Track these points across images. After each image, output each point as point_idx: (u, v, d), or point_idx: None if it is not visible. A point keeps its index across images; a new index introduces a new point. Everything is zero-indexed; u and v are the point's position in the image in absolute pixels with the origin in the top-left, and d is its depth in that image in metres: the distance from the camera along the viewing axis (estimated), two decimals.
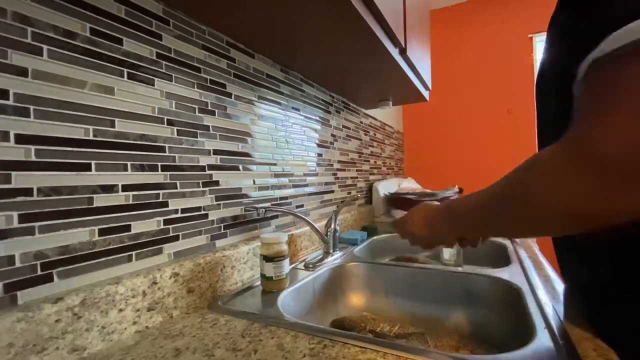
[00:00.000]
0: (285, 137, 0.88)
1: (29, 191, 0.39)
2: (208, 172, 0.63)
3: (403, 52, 0.89)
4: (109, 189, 0.47)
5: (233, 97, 0.71)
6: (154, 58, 0.54)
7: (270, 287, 0.63)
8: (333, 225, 0.88)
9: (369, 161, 1.54)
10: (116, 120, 0.48)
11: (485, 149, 2.07)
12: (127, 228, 0.49)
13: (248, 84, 0.75)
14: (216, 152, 0.65)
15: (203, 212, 0.62)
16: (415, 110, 2.24)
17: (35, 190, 0.40)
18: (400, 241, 0.64)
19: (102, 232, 0.46)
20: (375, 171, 1.61)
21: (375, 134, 1.65)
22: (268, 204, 0.81)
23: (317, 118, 1.06)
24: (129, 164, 0.50)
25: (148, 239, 0.52)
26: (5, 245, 0.37)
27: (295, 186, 0.92)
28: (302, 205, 0.96)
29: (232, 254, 0.65)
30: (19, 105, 0.38)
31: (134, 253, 0.50)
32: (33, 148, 0.40)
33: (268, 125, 0.82)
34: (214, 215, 0.65)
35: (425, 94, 1.27)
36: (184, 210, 0.58)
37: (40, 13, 0.41)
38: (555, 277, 0.65)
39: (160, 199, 0.54)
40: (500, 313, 0.64)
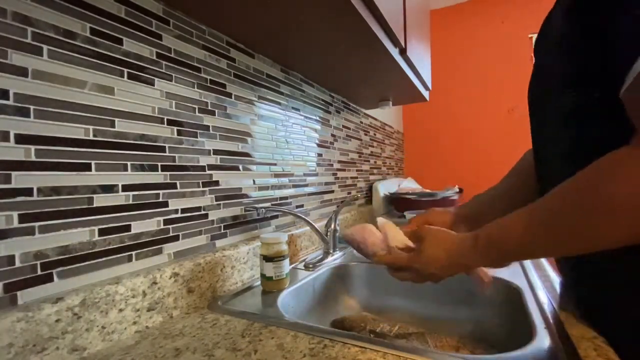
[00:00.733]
0: (285, 137, 0.88)
1: (29, 191, 0.39)
2: (208, 172, 0.63)
3: (403, 52, 0.89)
4: (109, 189, 0.47)
5: (233, 97, 0.71)
6: (154, 58, 0.54)
7: (270, 287, 0.63)
8: (333, 225, 0.88)
9: (369, 161, 1.54)
10: (116, 120, 0.48)
11: (485, 149, 2.07)
12: (127, 228, 0.49)
13: (248, 84, 0.75)
14: (216, 152, 0.65)
15: (203, 212, 0.62)
16: (415, 110, 2.24)
17: (35, 190, 0.40)
18: None
19: (102, 232, 0.46)
20: (375, 171, 1.61)
21: (375, 134, 1.65)
22: (268, 204, 0.81)
23: (317, 118, 1.06)
24: (129, 164, 0.50)
25: (148, 239, 0.52)
26: (5, 245, 0.37)
27: (295, 186, 0.92)
28: (302, 205, 0.96)
29: (232, 254, 0.65)
30: (19, 105, 0.39)
31: (134, 253, 0.50)
32: (33, 148, 0.40)
33: (268, 125, 0.82)
34: (214, 215, 0.65)
35: (425, 94, 1.27)
36: (184, 210, 0.58)
37: (40, 13, 0.41)
38: (555, 277, 0.65)
39: (160, 199, 0.54)
40: (500, 313, 0.64)
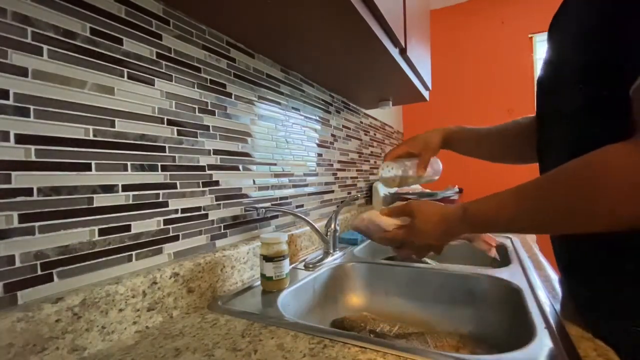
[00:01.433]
0: (285, 137, 0.88)
1: (29, 191, 0.39)
2: (208, 172, 0.63)
3: (403, 52, 0.89)
4: (109, 189, 0.47)
5: (233, 97, 0.71)
6: (154, 58, 0.54)
7: (270, 287, 0.63)
8: (333, 225, 0.88)
9: (369, 161, 1.54)
10: (116, 120, 0.48)
11: None
12: (127, 228, 0.49)
13: (248, 84, 0.75)
14: (216, 152, 0.65)
15: (203, 212, 0.62)
16: (415, 110, 2.24)
17: (35, 190, 0.40)
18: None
19: (102, 232, 0.46)
20: (375, 171, 1.61)
21: (375, 134, 1.65)
22: (268, 204, 0.81)
23: (317, 118, 1.06)
24: (129, 164, 0.50)
25: (148, 239, 0.52)
26: (5, 245, 0.37)
27: (295, 186, 0.92)
28: (302, 205, 0.96)
29: (232, 254, 0.65)
30: (19, 105, 0.39)
31: (134, 253, 0.50)
32: (33, 148, 0.40)
33: (268, 125, 0.82)
34: (214, 215, 0.65)
35: (425, 94, 1.27)
36: (184, 210, 0.58)
37: (40, 13, 0.41)
38: (555, 277, 0.65)
39: (160, 199, 0.54)
40: (500, 313, 0.64)
